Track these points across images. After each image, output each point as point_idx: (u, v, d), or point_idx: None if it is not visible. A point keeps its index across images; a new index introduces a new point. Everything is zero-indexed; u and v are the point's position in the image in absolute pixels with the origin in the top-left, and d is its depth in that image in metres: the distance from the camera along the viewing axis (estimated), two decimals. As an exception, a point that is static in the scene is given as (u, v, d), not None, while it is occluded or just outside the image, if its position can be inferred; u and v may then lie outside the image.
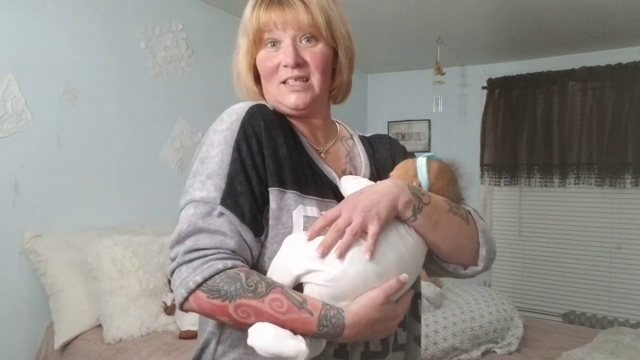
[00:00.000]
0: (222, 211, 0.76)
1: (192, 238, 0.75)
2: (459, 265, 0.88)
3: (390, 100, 4.35)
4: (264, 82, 0.90)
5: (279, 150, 0.83)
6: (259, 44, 0.87)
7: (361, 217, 0.74)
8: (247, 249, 0.77)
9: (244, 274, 0.72)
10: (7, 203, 1.97)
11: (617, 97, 3.32)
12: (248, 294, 0.71)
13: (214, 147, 0.81)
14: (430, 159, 0.90)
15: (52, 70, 2.10)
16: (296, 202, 0.81)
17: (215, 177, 0.78)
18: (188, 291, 0.72)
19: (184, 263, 0.74)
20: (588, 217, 3.55)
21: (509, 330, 2.55)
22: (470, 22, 2.96)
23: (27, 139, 2.01)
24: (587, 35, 3.14)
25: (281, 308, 0.70)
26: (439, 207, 0.83)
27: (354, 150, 1.01)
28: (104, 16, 2.30)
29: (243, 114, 0.83)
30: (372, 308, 0.72)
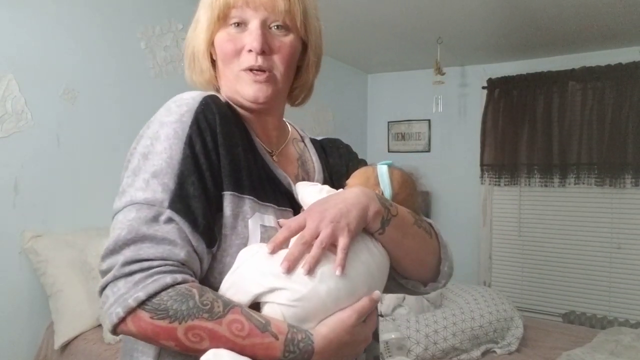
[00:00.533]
0: (170, 216, 0.64)
1: (132, 247, 0.62)
2: (418, 282, 0.82)
3: (390, 100, 4.35)
4: (222, 66, 0.78)
5: (235, 149, 0.73)
6: (223, 22, 0.76)
7: (330, 228, 0.66)
8: (197, 262, 0.66)
9: (197, 291, 0.61)
10: (7, 203, 1.96)
11: (617, 97, 3.32)
12: (203, 315, 0.60)
13: (160, 140, 0.69)
14: (392, 167, 0.84)
15: (52, 70, 2.10)
16: (253, 209, 0.71)
17: (162, 176, 0.66)
18: (126, 310, 0.59)
19: (122, 277, 0.61)
20: (588, 217, 3.55)
21: (509, 330, 2.56)
22: (470, 22, 2.96)
23: (27, 139, 2.01)
24: (587, 35, 3.14)
25: (241, 331, 0.60)
26: (405, 219, 0.76)
27: (306, 154, 0.91)
28: (104, 16, 2.30)
29: (196, 105, 0.71)
30: (343, 330, 0.65)
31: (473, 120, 3.91)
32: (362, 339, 0.69)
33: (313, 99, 0.94)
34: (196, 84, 0.83)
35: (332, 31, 3.17)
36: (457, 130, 4.03)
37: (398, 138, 4.30)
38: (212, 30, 0.77)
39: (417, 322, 2.39)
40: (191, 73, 0.83)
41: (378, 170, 0.82)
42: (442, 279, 0.83)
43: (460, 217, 3.97)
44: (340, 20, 2.95)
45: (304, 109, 3.44)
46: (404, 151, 4.23)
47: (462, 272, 3.85)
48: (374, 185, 0.80)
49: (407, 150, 4.23)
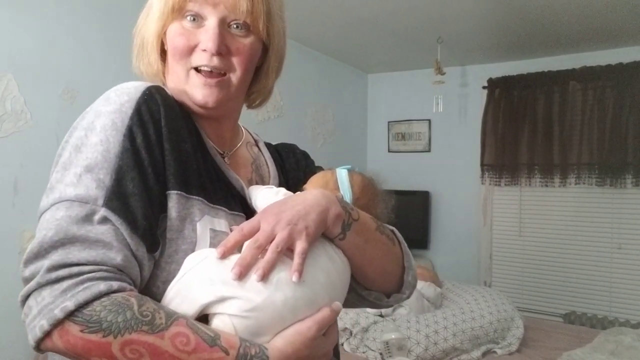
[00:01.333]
0: (106, 215, 0.57)
1: (60, 250, 0.54)
2: (381, 294, 0.77)
3: (390, 100, 4.34)
4: (172, 61, 0.71)
5: (182, 145, 0.66)
6: (177, 13, 0.69)
7: (287, 231, 0.60)
8: (136, 267, 0.58)
9: (136, 300, 0.54)
10: (7, 203, 1.96)
11: (618, 96, 3.31)
12: (142, 327, 0.52)
13: (96, 132, 0.61)
14: (351, 171, 0.80)
15: (52, 70, 2.10)
16: (202, 211, 0.65)
17: (97, 170, 0.59)
18: (52, 322, 0.51)
19: (47, 284, 0.53)
20: (588, 217, 3.54)
21: (509, 330, 2.55)
22: (470, 22, 2.96)
23: (26, 139, 2.01)
24: (588, 34, 3.14)
25: (187, 346, 0.53)
26: (367, 224, 0.72)
27: (260, 159, 0.85)
28: (104, 16, 2.30)
29: (138, 95, 0.64)
30: (302, 344, 0.59)
31: (473, 120, 3.90)
32: (321, 354, 0.63)
33: (313, 99, 0.93)
34: (144, 74, 0.77)
35: (332, 31, 3.17)
36: (458, 130, 4.03)
37: (398, 138, 4.29)
38: (164, 20, 0.71)
39: (417, 323, 2.39)
40: (139, 63, 0.77)
41: (337, 174, 0.78)
42: (406, 290, 0.77)
43: (461, 217, 3.97)
44: (340, 19, 2.95)
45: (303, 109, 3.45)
46: (404, 151, 4.23)
47: (462, 272, 3.85)
48: (333, 190, 0.76)
49: (407, 150, 4.22)
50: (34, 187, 2.04)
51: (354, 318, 2.48)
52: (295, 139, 0.99)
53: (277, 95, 3.19)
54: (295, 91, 3.42)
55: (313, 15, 2.85)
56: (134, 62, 0.77)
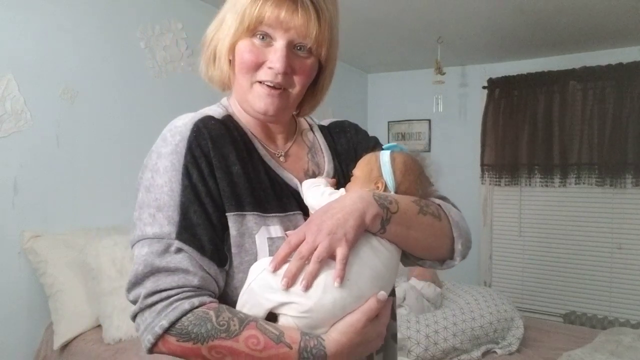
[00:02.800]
0: (179, 246, 0.69)
1: (151, 279, 0.69)
2: (434, 261, 0.85)
3: (390, 100, 4.34)
4: (239, 73, 0.78)
5: (232, 168, 0.75)
6: (250, 32, 0.76)
7: (327, 241, 0.67)
8: (212, 282, 0.71)
9: (214, 312, 0.67)
10: (7, 203, 1.96)
11: (618, 96, 3.32)
12: (221, 335, 0.65)
13: (159, 174, 0.73)
14: (394, 152, 0.83)
15: (52, 69, 2.09)
16: (258, 224, 0.74)
17: (166, 209, 0.71)
18: (155, 337, 0.67)
19: (146, 308, 0.68)
20: (588, 217, 3.54)
21: (509, 330, 2.55)
22: (470, 22, 2.96)
23: (26, 139, 2.01)
24: (588, 34, 3.14)
25: (257, 345, 0.65)
26: (408, 211, 0.77)
27: (316, 145, 0.92)
28: (104, 16, 2.29)
29: (188, 133, 0.74)
30: (354, 333, 0.68)
31: (473, 120, 3.90)
32: (373, 337, 0.71)
33: (313, 99, 0.93)
34: (212, 79, 0.85)
35: (332, 31, 3.17)
36: (458, 130, 4.03)
37: (398, 138, 4.29)
38: (237, 37, 0.77)
39: (417, 323, 2.39)
40: (209, 70, 0.84)
41: (380, 159, 0.81)
42: (457, 256, 0.84)
43: (461, 217, 3.96)
44: (340, 19, 2.95)
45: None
46: (404, 151, 4.23)
47: (462, 272, 3.85)
48: (377, 177, 0.80)
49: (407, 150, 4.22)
50: (33, 187, 2.04)
51: (354, 318, 2.47)
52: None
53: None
54: (295, 91, 3.42)
55: (313, 15, 2.84)
56: (204, 71, 0.85)
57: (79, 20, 2.20)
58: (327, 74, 0.86)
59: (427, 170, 0.86)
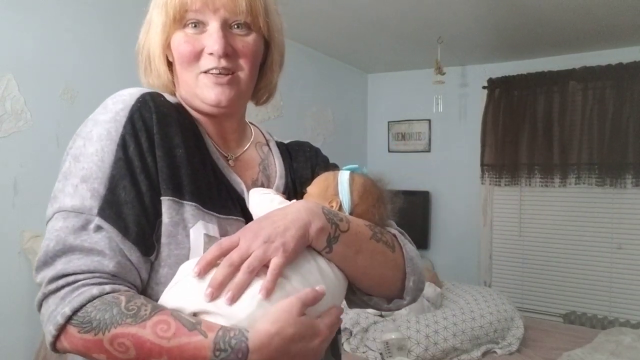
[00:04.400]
0: (99, 224, 0.60)
1: (62, 259, 0.59)
2: (381, 299, 0.77)
3: (390, 100, 4.34)
4: (180, 69, 0.73)
5: (175, 150, 0.67)
6: (179, 23, 0.71)
7: (262, 249, 0.60)
8: (133, 271, 0.61)
9: (125, 298, 0.57)
10: (7, 203, 1.96)
11: (618, 96, 3.31)
12: (126, 320, 0.55)
13: (92, 141, 0.65)
14: (355, 173, 0.77)
15: (52, 70, 2.10)
16: (195, 217, 0.66)
17: (92, 181, 0.62)
18: (57, 328, 0.57)
19: (50, 293, 0.59)
20: (589, 217, 3.54)
21: (509, 330, 2.55)
22: (470, 22, 2.96)
23: (26, 139, 2.01)
24: (588, 34, 3.14)
25: (167, 332, 0.55)
26: (359, 234, 0.70)
27: (269, 159, 0.85)
28: (104, 16, 2.29)
29: (132, 102, 0.67)
30: (285, 321, 0.57)
31: (473, 120, 3.90)
32: (312, 333, 0.60)
33: (313, 99, 0.92)
34: (154, 87, 0.78)
35: (332, 31, 3.17)
36: (458, 130, 4.03)
37: (398, 138, 4.29)
38: (167, 31, 0.72)
39: (417, 323, 2.39)
40: (148, 78, 0.78)
41: (339, 178, 0.76)
42: (407, 295, 0.76)
43: (461, 217, 3.97)
44: (340, 19, 2.95)
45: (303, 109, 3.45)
46: (404, 151, 4.23)
47: (462, 272, 3.85)
48: (333, 195, 0.75)
49: (407, 150, 4.22)
50: (33, 187, 2.04)
51: (354, 318, 2.48)
52: (295, 139, 0.98)
53: (277, 95, 3.17)
54: (295, 91, 3.42)
55: (313, 15, 2.85)
56: (143, 79, 0.79)
57: (80, 20, 2.20)
58: (275, 49, 0.79)
59: (387, 197, 0.79)
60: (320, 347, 0.61)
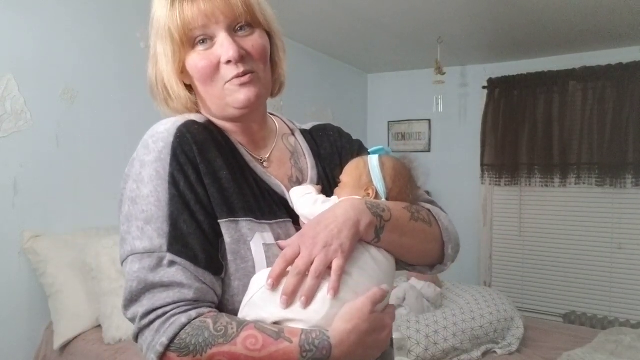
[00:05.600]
0: (172, 259, 0.66)
1: (147, 296, 0.66)
2: (425, 267, 0.85)
3: (390, 100, 4.34)
4: (203, 87, 0.76)
5: (220, 174, 0.72)
6: (187, 45, 0.74)
7: (323, 254, 0.66)
8: (210, 292, 0.68)
9: (212, 320, 0.65)
10: (7, 203, 1.96)
11: (618, 96, 3.32)
12: (219, 341, 0.62)
13: (145, 183, 0.69)
14: (383, 156, 0.81)
15: (52, 70, 2.10)
16: (252, 230, 0.71)
17: (155, 221, 0.68)
18: (158, 356, 0.64)
19: (145, 327, 0.66)
20: (589, 217, 3.54)
21: (509, 330, 2.55)
22: (470, 22, 2.96)
23: (26, 139, 2.01)
24: (588, 34, 3.14)
25: (256, 345, 0.62)
26: (400, 219, 0.75)
27: (298, 150, 0.88)
28: (104, 16, 2.29)
29: (172, 139, 0.71)
30: (359, 318, 0.65)
31: (473, 120, 3.91)
32: (381, 326, 0.68)
33: (313, 99, 0.92)
34: (175, 111, 0.81)
35: (332, 31, 3.17)
36: (458, 130, 4.03)
37: (398, 138, 4.29)
38: (179, 57, 0.74)
39: (417, 323, 2.39)
40: (170, 104, 0.80)
41: (369, 164, 0.79)
42: (447, 261, 0.84)
43: (461, 217, 3.96)
44: (340, 19, 2.95)
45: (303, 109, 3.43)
46: (404, 151, 4.23)
47: (462, 272, 3.85)
48: (368, 183, 0.79)
49: (408, 150, 4.23)
50: (33, 187, 2.04)
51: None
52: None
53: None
54: (295, 91, 3.42)
55: (313, 15, 2.85)
56: (164, 108, 0.81)
57: (80, 20, 2.20)
58: (277, 38, 0.82)
59: (415, 173, 0.83)
60: (387, 337, 0.70)
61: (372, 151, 0.83)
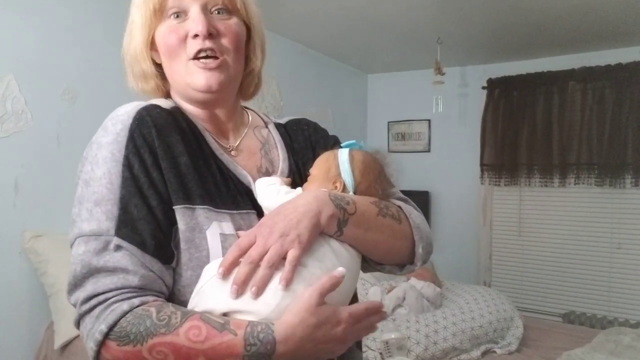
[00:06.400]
0: (118, 244, 0.64)
1: (90, 280, 0.63)
2: (394, 266, 0.81)
3: (390, 100, 4.35)
4: (169, 61, 0.75)
5: (179, 159, 0.70)
6: (160, 16, 0.73)
7: (279, 243, 0.63)
8: (157, 281, 0.65)
9: (155, 309, 0.61)
10: (7, 203, 1.96)
11: (617, 97, 3.32)
12: (160, 330, 0.59)
13: (99, 165, 0.68)
14: (353, 150, 0.79)
15: (52, 70, 2.10)
16: (209, 219, 0.69)
17: (105, 203, 0.66)
18: (96, 344, 0.61)
19: (85, 313, 0.63)
20: (588, 217, 3.55)
21: (509, 330, 2.56)
22: (470, 22, 2.96)
23: (27, 139, 2.01)
24: (587, 35, 3.14)
25: (199, 336, 0.59)
26: (366, 213, 0.73)
27: (270, 142, 0.86)
28: (104, 16, 2.30)
29: (130, 121, 0.69)
30: (307, 312, 0.60)
31: (473, 120, 3.91)
32: (334, 320, 0.62)
33: (313, 99, 0.92)
34: (144, 89, 0.81)
35: (332, 31, 3.17)
36: (457, 130, 4.03)
37: (398, 138, 4.30)
38: (149, 26, 0.74)
39: (417, 322, 2.39)
40: (136, 81, 0.80)
41: (339, 157, 0.78)
42: (417, 261, 0.81)
43: (460, 217, 3.97)
44: (340, 19, 2.95)
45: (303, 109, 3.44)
46: (404, 151, 4.23)
47: (462, 272, 3.86)
48: (335, 176, 0.77)
49: (407, 150, 4.23)
50: (34, 188, 2.04)
51: (353, 318, 2.47)
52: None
53: (277, 95, 3.19)
54: (295, 91, 3.42)
55: (313, 15, 2.85)
56: (131, 83, 0.81)
57: (80, 20, 2.20)
58: (255, 34, 0.80)
59: (388, 169, 0.82)
60: (344, 334, 0.63)
61: (344, 145, 0.81)
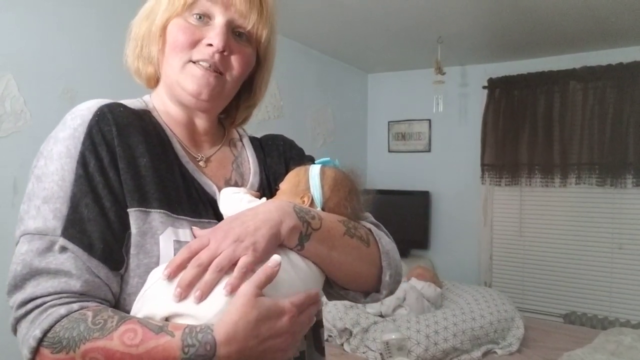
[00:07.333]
0: (64, 245, 0.60)
1: (31, 283, 0.59)
2: (358, 293, 0.76)
3: (391, 100, 4.34)
4: (170, 54, 0.71)
5: (139, 160, 0.66)
6: (187, 9, 0.70)
7: (232, 249, 0.59)
8: (102, 287, 0.61)
9: (92, 313, 0.57)
10: (6, 203, 1.96)
11: (618, 96, 3.31)
12: (93, 335, 0.55)
13: (53, 160, 0.64)
14: (326, 167, 0.76)
15: (51, 69, 2.09)
16: (164, 224, 0.65)
17: (54, 201, 0.62)
18: (31, 351, 0.58)
19: (21, 318, 0.60)
20: (589, 217, 3.54)
21: (509, 330, 2.55)
22: (470, 22, 2.96)
23: (26, 139, 2.01)
24: (588, 34, 3.14)
25: (134, 339, 0.54)
26: (332, 230, 0.69)
27: (243, 155, 0.84)
28: (103, 16, 2.29)
29: (90, 117, 0.66)
30: (245, 306, 0.56)
31: (473, 120, 3.90)
32: (277, 311, 0.59)
33: (313, 99, 0.91)
34: (138, 72, 0.78)
35: (332, 31, 3.16)
36: (458, 130, 4.02)
37: (398, 138, 4.29)
38: (171, 13, 0.71)
39: (417, 323, 2.39)
40: (137, 59, 0.76)
41: (310, 172, 0.75)
42: (383, 289, 0.76)
43: (461, 217, 3.96)
44: (340, 19, 2.95)
45: (303, 109, 3.44)
46: (404, 151, 4.23)
47: (462, 272, 3.85)
48: (304, 190, 0.74)
49: (408, 150, 4.22)
50: (33, 187, 2.04)
51: (354, 318, 2.47)
52: (295, 139, 0.96)
53: (276, 94, 3.19)
54: (295, 91, 3.42)
55: (313, 15, 2.84)
56: (131, 61, 0.77)
57: (79, 20, 2.20)
58: (266, 70, 0.79)
59: (360, 190, 0.78)
60: (290, 325, 0.59)
61: (318, 162, 0.79)
